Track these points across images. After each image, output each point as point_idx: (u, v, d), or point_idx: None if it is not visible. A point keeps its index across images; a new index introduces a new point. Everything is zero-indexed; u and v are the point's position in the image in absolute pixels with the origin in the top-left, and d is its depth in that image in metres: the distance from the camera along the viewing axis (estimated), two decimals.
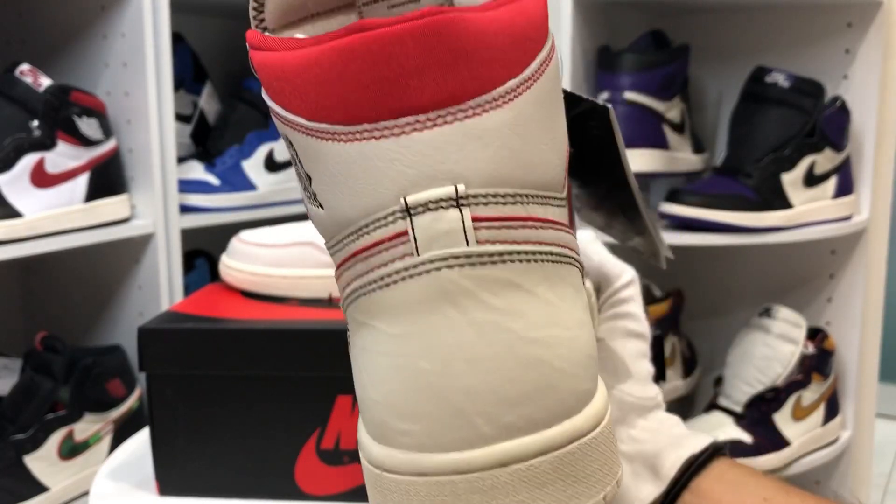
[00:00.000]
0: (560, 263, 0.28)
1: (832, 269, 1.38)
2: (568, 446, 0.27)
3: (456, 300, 0.27)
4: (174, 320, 0.57)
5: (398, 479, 0.28)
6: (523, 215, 0.27)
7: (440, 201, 0.26)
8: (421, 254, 0.27)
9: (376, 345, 0.28)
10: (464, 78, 0.26)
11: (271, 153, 1.28)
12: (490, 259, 0.27)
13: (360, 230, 0.27)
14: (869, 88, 1.30)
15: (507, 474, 0.27)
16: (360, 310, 0.29)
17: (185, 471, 0.57)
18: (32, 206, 0.96)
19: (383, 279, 0.27)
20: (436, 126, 0.26)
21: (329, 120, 0.27)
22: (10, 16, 1.18)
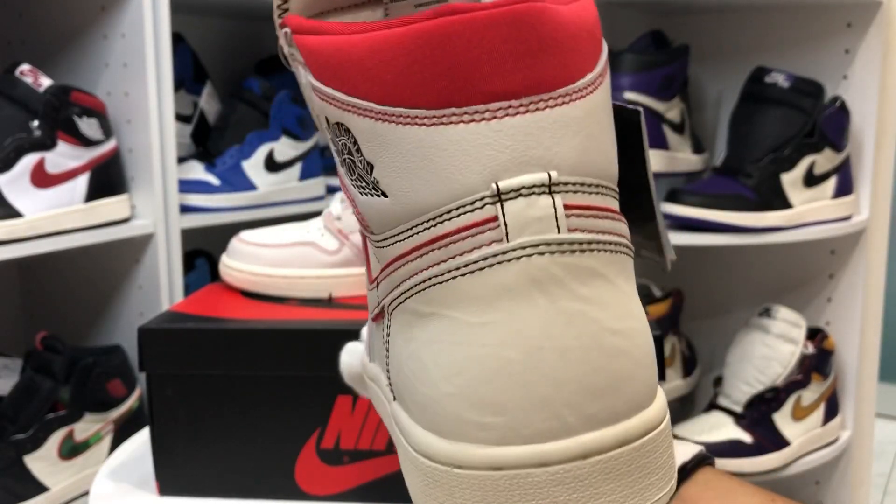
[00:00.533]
0: (627, 255, 0.29)
1: (832, 269, 1.38)
2: (643, 438, 0.27)
3: (546, 288, 0.26)
4: (174, 320, 0.57)
5: (471, 475, 0.27)
6: (603, 206, 0.28)
7: (533, 187, 0.26)
8: (511, 240, 0.26)
9: (451, 335, 0.27)
10: (553, 66, 0.26)
11: (271, 153, 1.28)
12: (580, 247, 0.27)
13: (441, 216, 0.27)
14: (869, 88, 1.30)
15: (589, 466, 0.27)
16: (428, 300, 0.28)
17: (185, 471, 0.57)
18: (33, 206, 0.96)
19: (468, 266, 0.27)
20: (528, 112, 0.26)
21: (408, 104, 0.26)
22: (11, 16, 1.18)
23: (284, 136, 1.30)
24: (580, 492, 0.27)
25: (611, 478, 0.27)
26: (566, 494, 0.27)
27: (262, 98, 1.28)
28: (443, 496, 0.28)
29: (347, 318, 0.58)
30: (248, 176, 1.25)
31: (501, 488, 0.27)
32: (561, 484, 0.27)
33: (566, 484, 0.27)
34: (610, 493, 0.27)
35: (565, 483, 0.27)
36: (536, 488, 0.27)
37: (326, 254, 0.64)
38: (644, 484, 0.27)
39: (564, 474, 0.27)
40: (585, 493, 0.27)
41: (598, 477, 0.27)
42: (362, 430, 0.56)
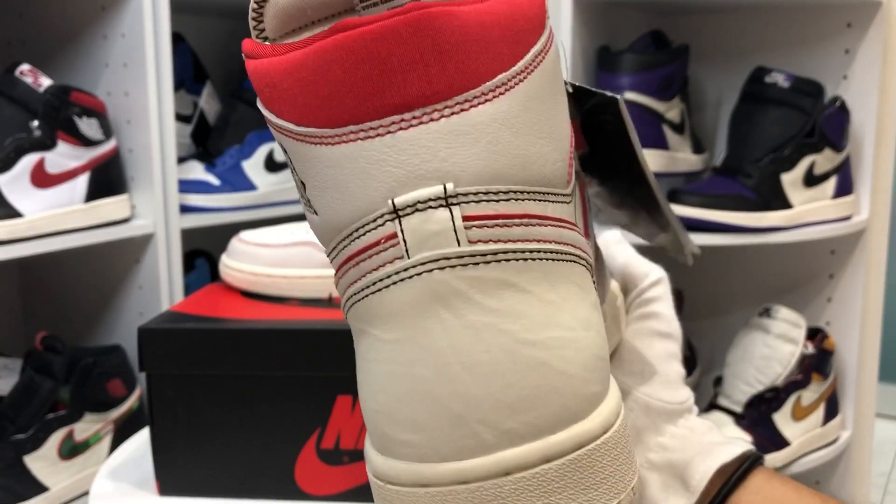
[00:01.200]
0: (562, 261, 0.27)
1: (832, 269, 1.38)
2: (574, 452, 0.26)
3: (449, 302, 0.26)
4: (174, 320, 0.57)
5: (401, 491, 0.27)
6: (518, 212, 0.26)
7: (429, 201, 0.25)
8: (411, 256, 0.26)
9: (373, 352, 0.27)
10: (450, 73, 0.25)
11: (271, 153, 1.28)
12: (483, 259, 0.26)
13: (351, 235, 0.27)
14: (868, 88, 1.30)
15: (512, 483, 0.26)
16: (356, 317, 0.28)
17: (185, 471, 0.57)
18: (33, 206, 0.96)
19: (375, 284, 0.26)
20: (422, 123, 0.25)
21: (316, 123, 0.26)
22: (11, 16, 1.18)
23: None
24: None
25: (538, 495, 0.26)
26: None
27: None
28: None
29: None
30: (248, 176, 1.25)
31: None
32: (485, 501, 0.26)
33: (489, 502, 0.26)
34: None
35: (488, 501, 0.26)
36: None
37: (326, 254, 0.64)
38: (580, 500, 0.26)
39: (485, 492, 0.26)
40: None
41: (524, 494, 0.26)
42: (362, 431, 0.56)
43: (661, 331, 0.42)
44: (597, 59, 1.28)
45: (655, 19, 1.46)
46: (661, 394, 0.38)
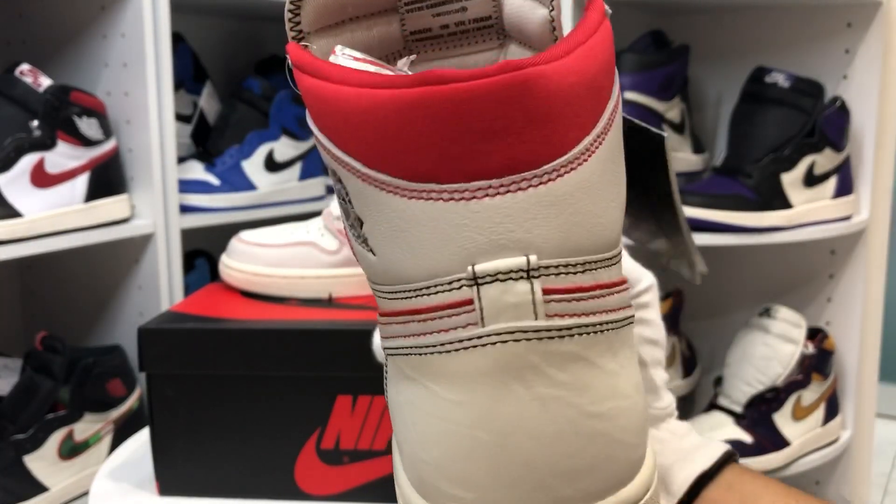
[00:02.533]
0: (622, 328, 0.27)
1: (832, 269, 1.38)
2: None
3: (522, 374, 0.25)
4: (174, 320, 0.57)
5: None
6: (592, 284, 0.26)
7: (510, 272, 0.25)
8: (487, 325, 0.25)
9: (429, 405, 0.27)
10: (539, 141, 0.24)
11: (271, 153, 1.28)
12: (559, 333, 0.25)
13: (420, 290, 0.26)
14: (868, 88, 1.30)
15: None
16: (412, 366, 0.27)
17: (185, 471, 0.57)
18: (32, 206, 0.96)
19: (444, 345, 0.26)
20: (508, 192, 0.24)
21: (391, 171, 0.25)
22: (11, 16, 1.18)
23: (284, 136, 1.30)
24: None
25: None
26: None
27: (261, 98, 1.28)
28: None
29: (347, 318, 0.58)
30: (247, 176, 1.25)
31: None
32: None
33: None
34: None
35: None
36: None
37: (326, 254, 0.64)
38: None
39: None
40: None
41: None
42: (362, 431, 0.56)
43: (649, 337, 0.42)
44: None
45: (655, 19, 1.46)
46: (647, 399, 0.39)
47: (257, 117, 1.28)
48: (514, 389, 0.25)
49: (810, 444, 1.30)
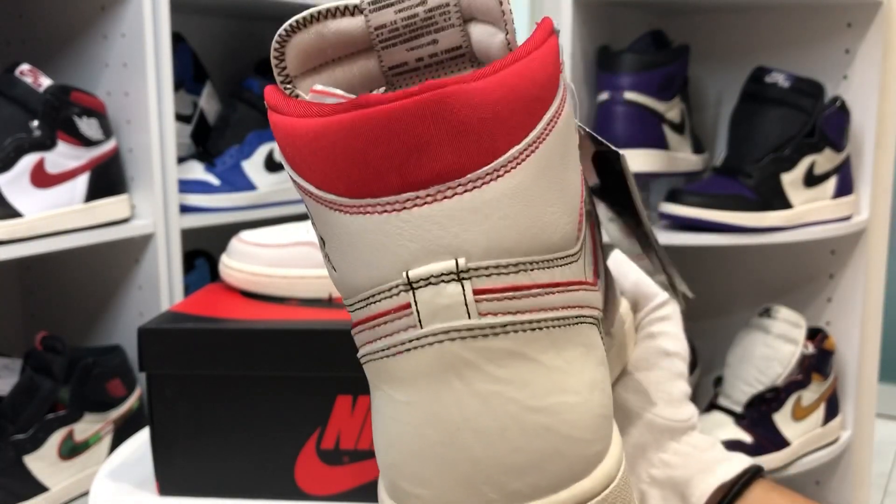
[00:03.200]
0: (569, 326, 0.28)
1: (832, 269, 1.38)
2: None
3: (460, 372, 0.27)
4: (174, 320, 0.57)
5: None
6: (527, 283, 0.27)
7: (441, 275, 0.26)
8: (424, 326, 0.27)
9: (387, 409, 0.28)
10: (463, 152, 0.26)
11: (271, 153, 1.28)
12: (492, 331, 0.27)
13: (367, 299, 0.28)
14: (869, 88, 1.30)
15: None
16: (371, 372, 0.29)
17: (185, 471, 0.57)
18: (32, 207, 0.96)
19: (389, 349, 0.28)
20: (435, 201, 0.26)
21: (336, 191, 0.27)
22: (11, 16, 1.18)
23: None
24: None
25: None
26: None
27: (261, 98, 1.28)
28: None
29: (347, 318, 0.58)
30: (247, 176, 1.25)
31: None
32: None
33: None
34: None
35: None
36: None
37: None
38: None
39: None
40: None
41: None
42: (362, 431, 0.56)
43: (668, 350, 0.42)
44: (597, 59, 1.28)
45: (655, 19, 1.46)
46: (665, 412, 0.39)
47: (257, 117, 1.28)
48: (454, 386, 0.27)
49: (810, 444, 1.30)
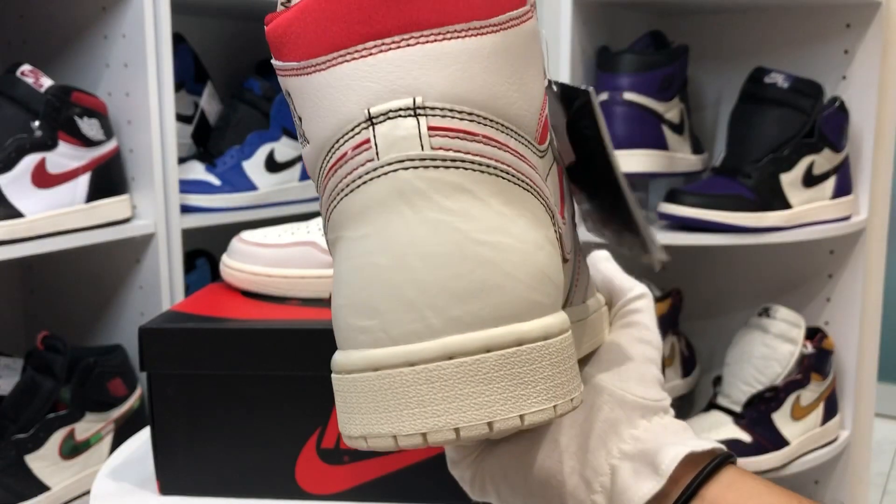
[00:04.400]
0: (518, 186, 0.30)
1: (831, 268, 1.38)
2: (513, 347, 0.29)
3: (411, 200, 0.29)
4: (175, 320, 0.57)
5: (355, 378, 0.30)
6: (479, 132, 0.30)
7: (399, 110, 0.29)
8: (381, 157, 0.29)
9: (344, 253, 0.30)
10: (428, 9, 0.29)
11: (272, 153, 1.28)
12: (443, 163, 0.29)
13: (333, 146, 0.30)
14: (867, 89, 1.31)
15: (453, 367, 0.28)
16: (331, 227, 0.31)
17: (185, 470, 0.57)
18: (34, 207, 0.96)
19: (349, 185, 0.30)
20: (399, 47, 0.29)
21: (312, 54, 0.30)
22: (12, 17, 1.18)
23: (285, 137, 1.30)
24: (444, 391, 0.28)
25: (475, 381, 0.28)
26: (431, 393, 0.28)
27: (262, 98, 1.28)
28: (341, 403, 0.31)
29: None
30: (248, 176, 1.25)
31: (377, 388, 0.29)
32: (427, 382, 0.28)
33: (431, 383, 0.28)
34: (476, 396, 0.28)
35: (430, 382, 0.28)
36: (405, 387, 0.29)
37: (326, 253, 0.64)
38: (516, 393, 0.29)
39: (429, 373, 0.28)
40: (450, 392, 0.28)
41: (463, 378, 0.28)
42: None
43: (641, 337, 0.43)
44: (597, 59, 1.28)
45: (655, 19, 1.46)
46: (637, 390, 0.39)
47: (258, 118, 1.28)
48: (404, 214, 0.29)
49: (809, 443, 1.30)
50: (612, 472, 0.36)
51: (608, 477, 0.36)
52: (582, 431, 0.36)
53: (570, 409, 0.30)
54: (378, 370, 0.29)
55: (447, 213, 0.29)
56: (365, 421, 0.30)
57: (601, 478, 0.36)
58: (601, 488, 0.35)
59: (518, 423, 0.29)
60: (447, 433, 0.28)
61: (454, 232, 0.29)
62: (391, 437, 0.29)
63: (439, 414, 0.28)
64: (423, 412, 0.28)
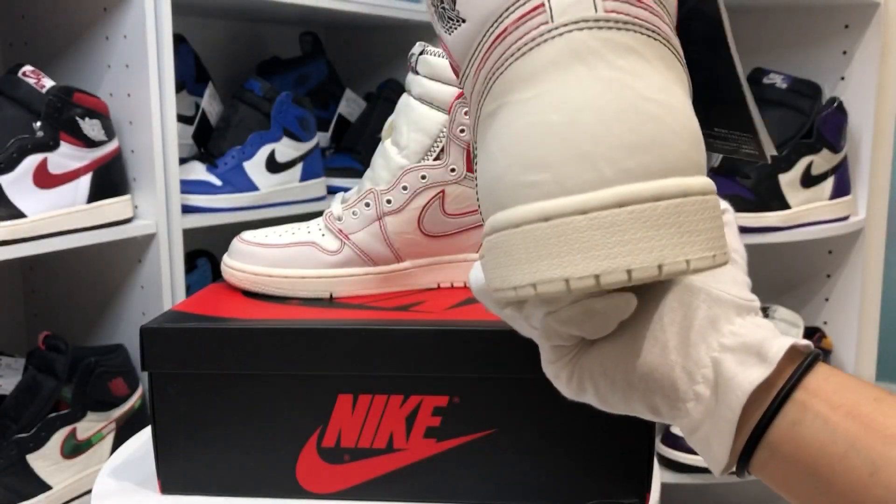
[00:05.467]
0: (674, 56, 0.32)
1: (829, 268, 1.39)
2: (680, 198, 0.30)
3: (585, 59, 0.31)
4: (176, 320, 0.57)
5: (524, 230, 0.31)
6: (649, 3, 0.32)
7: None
8: (555, 20, 0.31)
9: (509, 117, 0.32)
10: None
11: (272, 154, 1.29)
12: (615, 25, 0.31)
13: (501, 16, 0.32)
14: (866, 89, 1.31)
15: (626, 213, 0.30)
16: (493, 97, 0.33)
17: (186, 469, 0.58)
18: (35, 207, 0.97)
19: (520, 50, 0.31)
20: None
21: None
22: (13, 18, 1.19)
23: (286, 137, 1.30)
24: (618, 236, 0.30)
25: (646, 227, 0.30)
26: (605, 238, 0.30)
27: (263, 99, 1.28)
28: (503, 258, 0.32)
29: (348, 317, 0.58)
30: (249, 176, 1.26)
31: (549, 236, 0.30)
32: (600, 228, 0.30)
33: (604, 228, 0.30)
34: (646, 241, 0.30)
35: (603, 228, 0.30)
36: (578, 233, 0.30)
37: (327, 254, 0.64)
38: (682, 240, 0.30)
39: (602, 220, 0.30)
40: (622, 237, 0.30)
41: (634, 224, 0.30)
42: (363, 429, 0.57)
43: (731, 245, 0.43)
44: None
45: None
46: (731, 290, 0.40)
47: (259, 118, 1.28)
48: (579, 72, 0.31)
49: None
50: (713, 365, 0.37)
51: (710, 369, 0.37)
52: (681, 328, 0.37)
53: (722, 262, 0.32)
54: (550, 220, 0.30)
55: (620, 71, 0.30)
56: (534, 269, 0.31)
57: (703, 370, 0.37)
58: (703, 379, 0.37)
59: (684, 267, 0.30)
60: (619, 274, 0.30)
61: (627, 89, 0.30)
62: (563, 280, 0.30)
63: (612, 257, 0.30)
64: (597, 255, 0.30)
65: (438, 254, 0.66)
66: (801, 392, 0.35)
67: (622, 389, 0.38)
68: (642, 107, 0.30)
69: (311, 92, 1.50)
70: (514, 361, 0.54)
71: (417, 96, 0.63)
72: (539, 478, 0.56)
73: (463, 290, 0.66)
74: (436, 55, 0.62)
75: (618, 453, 0.55)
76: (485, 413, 0.55)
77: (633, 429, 0.54)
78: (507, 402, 0.55)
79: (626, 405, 0.38)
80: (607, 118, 0.30)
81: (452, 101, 0.61)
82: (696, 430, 0.38)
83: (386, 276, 0.65)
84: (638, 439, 0.55)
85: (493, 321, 0.55)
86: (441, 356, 0.54)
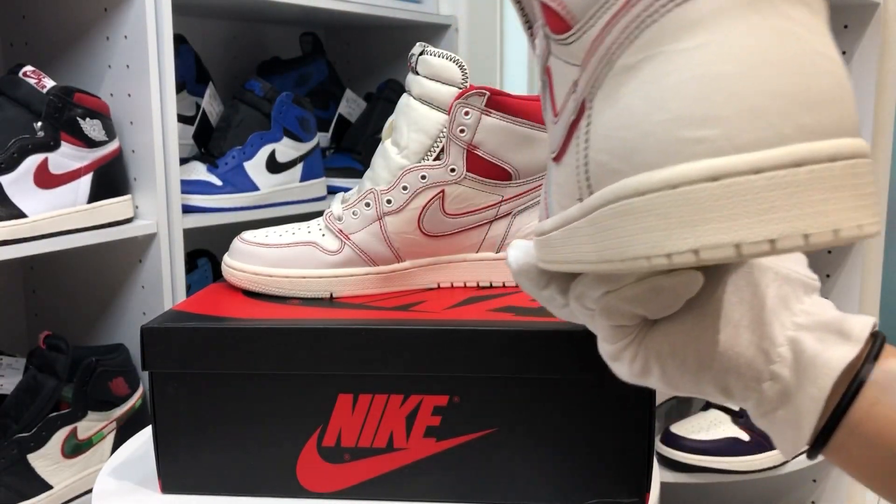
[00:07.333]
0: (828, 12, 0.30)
1: (828, 269, 1.39)
2: (853, 160, 0.28)
3: (758, 6, 0.28)
4: (177, 319, 0.58)
5: (686, 191, 0.28)
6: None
7: None
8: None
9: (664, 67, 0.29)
10: None
11: (273, 154, 1.29)
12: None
13: None
14: (865, 90, 1.31)
15: (804, 173, 0.27)
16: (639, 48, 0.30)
17: (187, 469, 0.58)
18: (36, 207, 0.97)
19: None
20: None
21: None
22: (14, 18, 1.19)
23: (286, 137, 1.30)
24: (796, 198, 0.27)
25: (825, 188, 0.27)
26: (783, 199, 0.27)
27: (263, 99, 1.28)
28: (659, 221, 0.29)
29: (348, 317, 0.59)
30: (249, 176, 1.26)
31: (717, 197, 0.28)
32: (777, 189, 0.27)
33: (783, 189, 0.27)
34: (824, 204, 0.27)
35: (781, 188, 0.27)
36: (753, 193, 0.27)
37: (327, 253, 0.64)
38: (857, 204, 0.28)
39: (780, 179, 0.27)
40: (802, 198, 0.27)
41: (814, 185, 0.27)
42: (363, 429, 0.57)
43: None
44: None
45: None
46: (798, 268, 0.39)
47: (259, 118, 1.28)
48: (751, 20, 0.28)
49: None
50: (790, 343, 0.36)
51: (786, 347, 0.36)
52: (752, 307, 0.37)
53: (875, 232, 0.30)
54: (719, 179, 0.28)
55: (792, 21, 0.28)
56: (698, 233, 0.28)
57: (779, 348, 0.36)
58: (779, 358, 0.36)
59: (857, 232, 0.28)
60: (796, 239, 0.27)
61: (800, 41, 0.28)
62: (733, 245, 0.28)
63: (789, 220, 0.27)
64: (772, 218, 0.27)
65: (438, 254, 0.66)
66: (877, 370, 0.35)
67: (693, 370, 0.37)
68: (817, 61, 0.28)
69: (311, 92, 1.50)
70: (514, 361, 0.54)
71: (417, 96, 0.63)
72: (539, 478, 0.56)
73: (463, 290, 0.66)
74: (436, 55, 0.63)
75: (618, 453, 0.55)
76: (485, 413, 0.56)
77: (632, 429, 0.55)
78: (507, 401, 0.55)
79: (696, 386, 0.37)
80: (784, 71, 0.28)
81: (452, 101, 0.62)
82: (770, 411, 0.37)
83: (386, 276, 0.65)
84: (637, 439, 0.55)
85: (493, 321, 0.55)
86: (441, 356, 0.55)
